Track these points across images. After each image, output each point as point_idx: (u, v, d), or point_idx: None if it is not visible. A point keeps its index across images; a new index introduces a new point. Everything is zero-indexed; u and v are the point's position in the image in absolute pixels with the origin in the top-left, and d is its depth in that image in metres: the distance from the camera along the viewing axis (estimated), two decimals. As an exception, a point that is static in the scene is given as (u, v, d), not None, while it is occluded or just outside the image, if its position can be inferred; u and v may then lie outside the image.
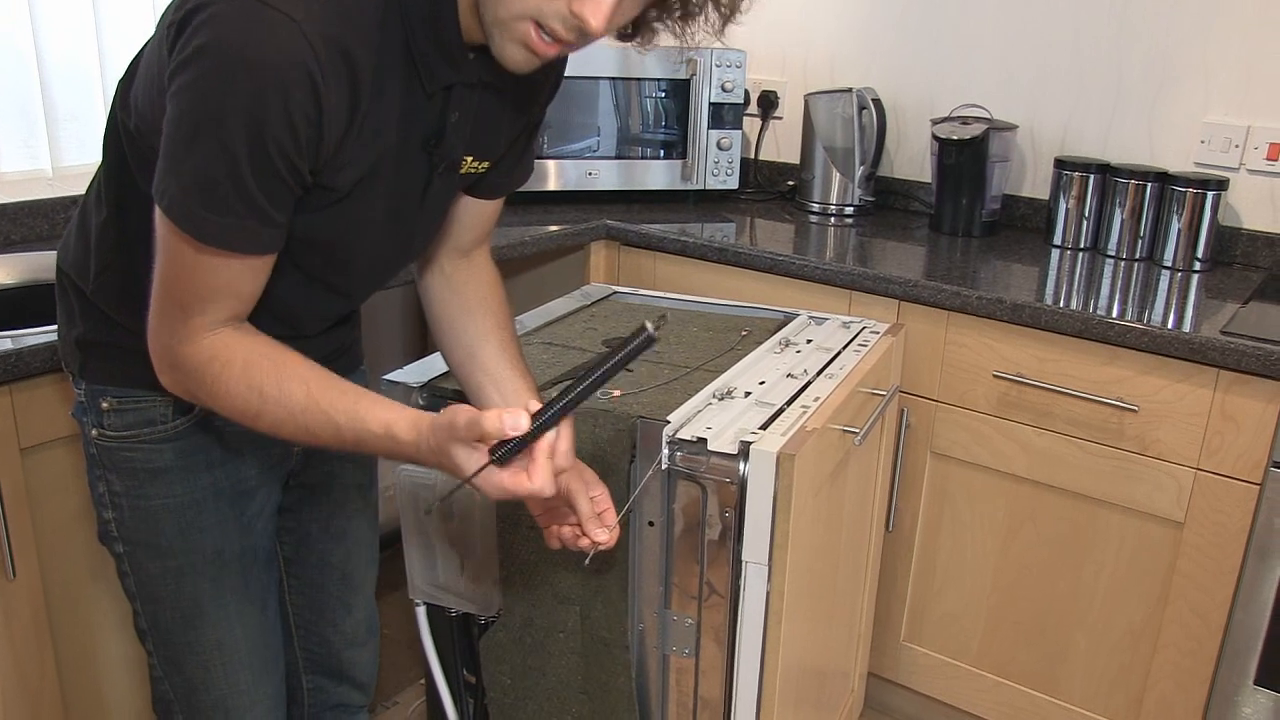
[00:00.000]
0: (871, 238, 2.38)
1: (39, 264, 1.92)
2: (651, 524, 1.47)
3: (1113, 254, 2.29)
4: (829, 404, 1.53)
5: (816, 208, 2.63)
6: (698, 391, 1.55)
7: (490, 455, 1.07)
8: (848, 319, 1.92)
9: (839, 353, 1.75)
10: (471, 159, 1.27)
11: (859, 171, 2.57)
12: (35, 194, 2.07)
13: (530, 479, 1.09)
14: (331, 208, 1.12)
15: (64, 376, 1.52)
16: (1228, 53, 2.21)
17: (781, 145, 2.88)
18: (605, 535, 1.25)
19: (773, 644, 1.47)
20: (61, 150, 2.17)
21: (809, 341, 1.80)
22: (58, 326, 1.32)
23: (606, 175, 2.58)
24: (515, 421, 1.06)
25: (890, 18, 2.62)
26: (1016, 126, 2.45)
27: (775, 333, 1.83)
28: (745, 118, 2.77)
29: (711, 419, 1.47)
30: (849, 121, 2.55)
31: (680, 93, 2.57)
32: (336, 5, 1.01)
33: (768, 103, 2.85)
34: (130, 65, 1.18)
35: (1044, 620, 2.05)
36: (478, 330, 1.41)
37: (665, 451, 1.43)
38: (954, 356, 2.01)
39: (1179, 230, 2.19)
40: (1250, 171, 2.23)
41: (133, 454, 1.27)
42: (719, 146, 2.61)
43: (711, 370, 1.67)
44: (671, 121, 2.60)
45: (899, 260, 2.16)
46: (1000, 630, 2.11)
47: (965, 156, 2.39)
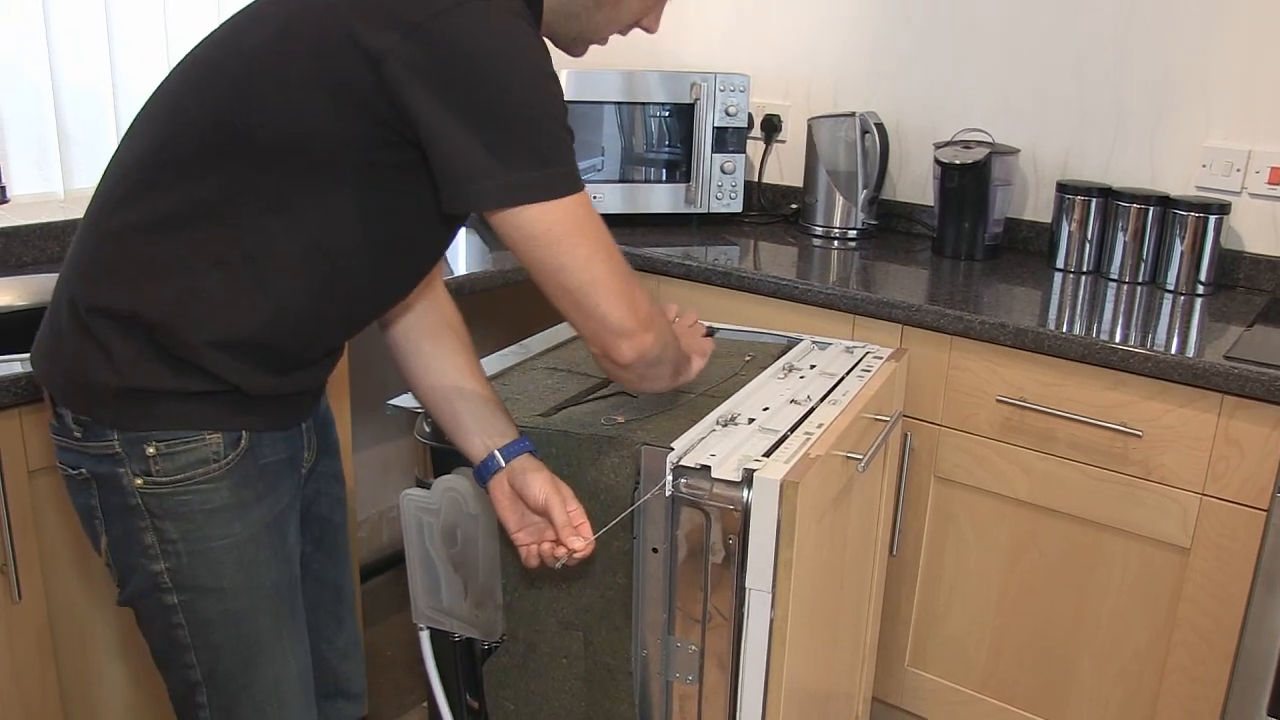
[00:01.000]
0: (874, 261, 2.39)
1: (50, 286, 1.92)
2: (655, 550, 1.47)
3: (1115, 277, 2.29)
4: (832, 430, 1.54)
5: (820, 231, 2.64)
6: (701, 418, 1.55)
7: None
8: (851, 344, 1.93)
9: (842, 378, 1.75)
10: None
11: (862, 195, 2.58)
12: (47, 216, 2.08)
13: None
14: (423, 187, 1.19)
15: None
16: (1228, 77, 2.22)
17: (785, 168, 2.89)
18: (581, 543, 1.32)
19: (776, 670, 1.47)
20: (73, 173, 2.19)
21: (812, 367, 1.80)
22: (68, 375, 1.21)
23: (611, 199, 2.59)
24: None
25: (893, 42, 2.64)
26: (1019, 150, 2.46)
27: (779, 358, 1.84)
28: (749, 141, 2.78)
29: (715, 445, 1.47)
30: (852, 145, 2.56)
31: (684, 116, 2.58)
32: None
33: (771, 126, 2.86)
34: (193, 71, 1.18)
35: (1048, 645, 2.05)
36: (445, 354, 1.45)
37: (669, 478, 1.43)
38: (957, 381, 2.02)
39: (1181, 254, 2.20)
40: (1252, 195, 2.24)
41: (188, 497, 1.23)
42: (723, 170, 2.62)
43: (715, 396, 1.67)
44: (675, 145, 2.61)
45: (902, 284, 2.17)
46: (1005, 655, 2.11)
47: (968, 180, 2.40)
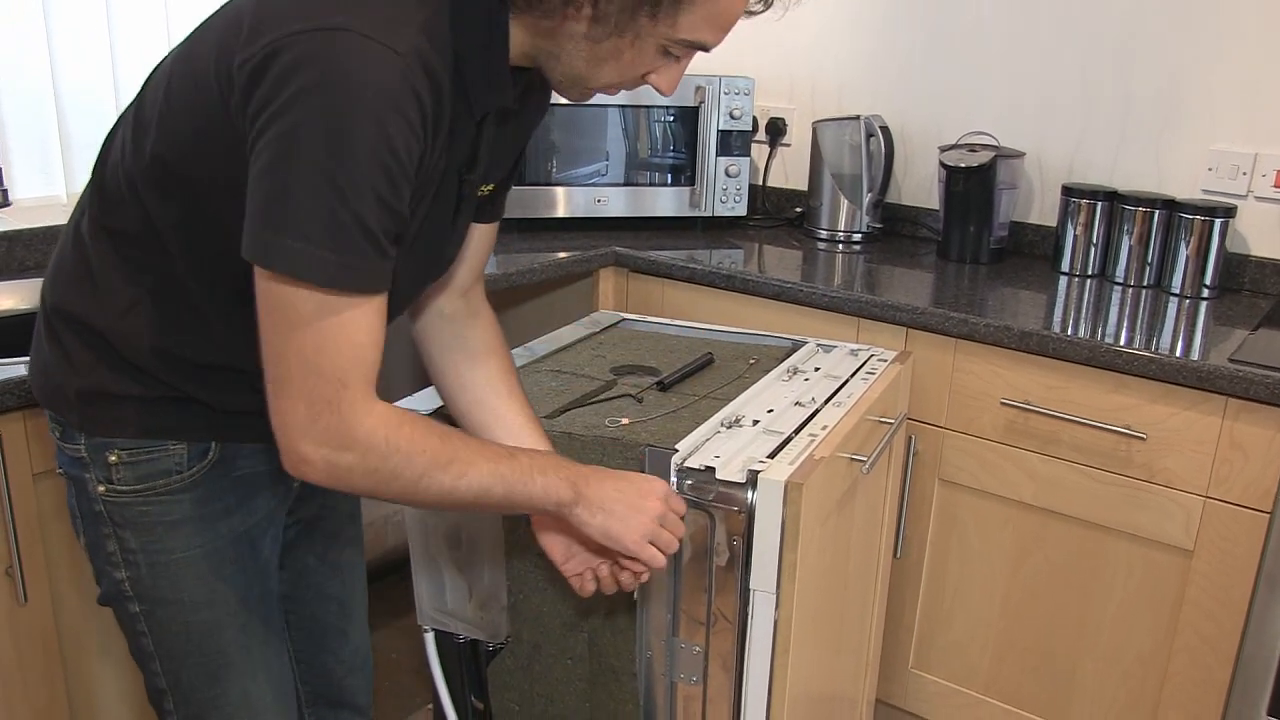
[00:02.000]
0: (879, 265, 2.39)
1: (52, 290, 1.93)
2: (659, 552, 1.47)
3: (1120, 281, 2.29)
4: (837, 432, 1.54)
5: (824, 234, 2.64)
6: (706, 419, 1.55)
7: None
8: (855, 346, 1.93)
9: (847, 380, 1.75)
10: (485, 185, 1.28)
11: (866, 198, 2.58)
12: (50, 220, 2.09)
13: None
14: None
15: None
16: (1235, 80, 2.22)
17: (789, 172, 2.89)
18: (661, 559, 1.31)
19: (780, 672, 1.47)
20: (76, 176, 2.19)
21: (817, 369, 1.80)
22: (42, 374, 1.23)
23: (615, 202, 2.59)
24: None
25: (898, 46, 2.64)
26: (1024, 154, 2.46)
27: (783, 360, 1.84)
28: (753, 144, 2.78)
29: (719, 447, 1.47)
30: (856, 149, 2.56)
31: (689, 120, 2.59)
32: (424, 33, 1.01)
33: (776, 130, 2.87)
34: (147, 90, 1.14)
35: (1052, 648, 2.05)
36: (486, 378, 1.42)
37: (674, 480, 1.43)
38: (961, 384, 2.02)
39: (1187, 257, 2.20)
40: (1258, 199, 2.24)
41: (148, 508, 1.21)
42: (727, 173, 2.62)
43: (719, 398, 1.67)
44: (680, 148, 2.61)
45: (906, 287, 2.17)
46: (1008, 657, 2.11)
47: (973, 184, 2.40)
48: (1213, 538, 1.82)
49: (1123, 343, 1.85)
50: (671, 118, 2.58)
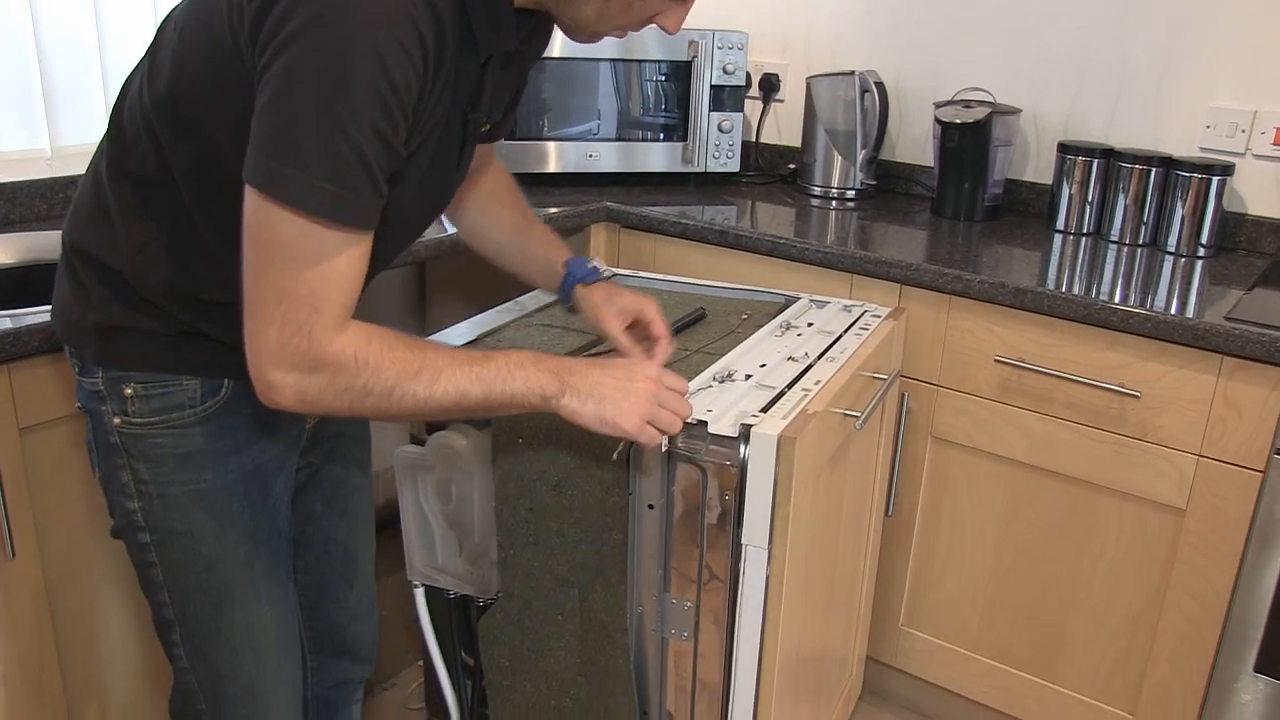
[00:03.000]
0: (873, 221, 2.37)
1: (38, 244, 1.91)
2: (651, 507, 1.46)
3: (1116, 239, 2.28)
4: (830, 387, 1.53)
5: (818, 191, 2.62)
6: (698, 374, 1.54)
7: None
8: (849, 303, 1.91)
9: (840, 336, 1.74)
10: (486, 123, 1.31)
11: (860, 155, 2.56)
12: (34, 174, 2.06)
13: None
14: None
15: (64, 360, 1.51)
16: (1234, 37, 2.19)
17: (783, 128, 2.87)
18: (658, 439, 1.30)
19: (772, 627, 1.46)
20: (60, 130, 2.16)
21: (810, 325, 1.79)
22: (62, 311, 1.28)
23: (607, 157, 2.57)
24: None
25: (893, 0, 2.61)
26: (1020, 110, 2.44)
27: (776, 316, 1.83)
28: (746, 100, 2.75)
29: (712, 401, 1.46)
30: (851, 104, 2.54)
31: (681, 75, 2.56)
32: None
33: (769, 85, 2.84)
34: (162, 33, 1.17)
35: (1043, 606, 2.05)
36: (504, 214, 1.57)
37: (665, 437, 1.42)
38: (955, 341, 2.00)
39: (1183, 216, 2.18)
40: (1256, 156, 2.22)
41: (161, 440, 1.25)
42: (720, 129, 2.59)
43: (711, 353, 1.66)
44: (672, 104, 2.58)
45: (900, 244, 2.15)
46: (999, 615, 2.11)
47: (968, 140, 2.38)
48: (1205, 496, 1.82)
49: (1117, 300, 1.83)
50: (663, 74, 2.55)
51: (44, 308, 1.51)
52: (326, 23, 0.97)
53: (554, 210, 2.27)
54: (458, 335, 1.70)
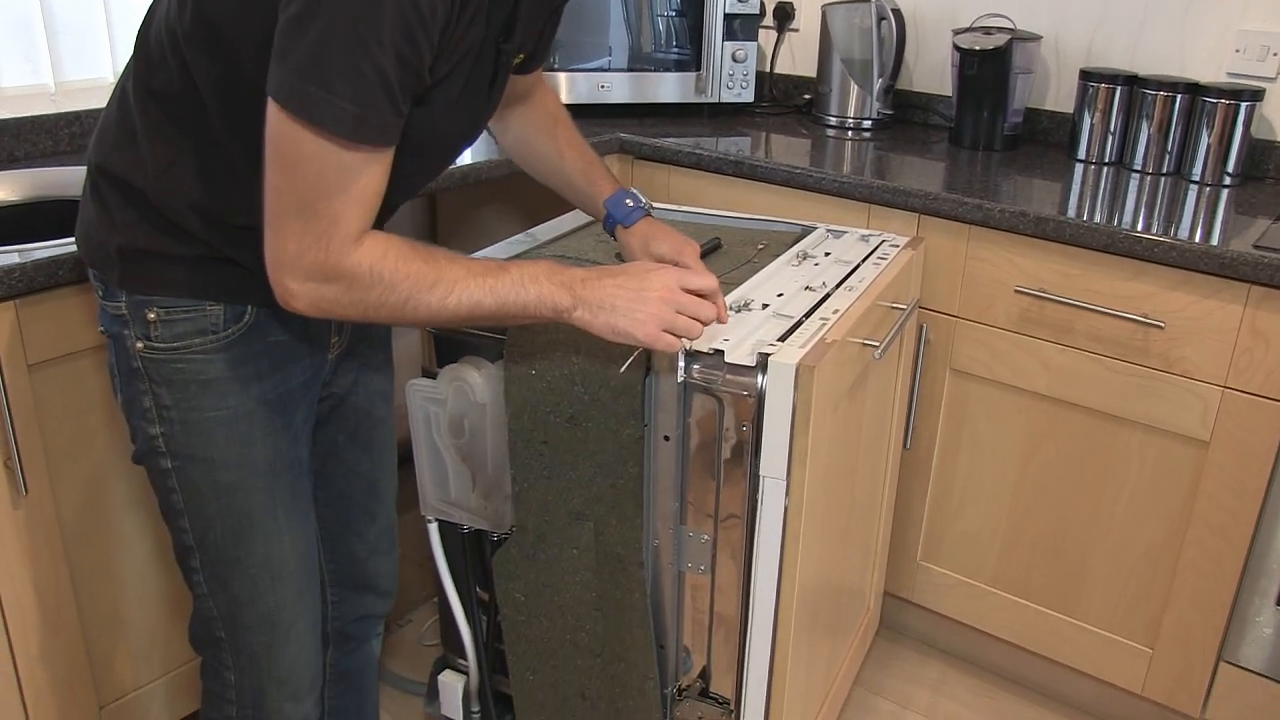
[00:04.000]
0: (890, 152, 2.33)
1: (43, 180, 1.89)
2: (667, 438, 1.44)
3: (1139, 169, 2.23)
4: (848, 316, 1.50)
5: (834, 121, 2.57)
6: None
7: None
8: (866, 232, 1.88)
9: (858, 265, 1.71)
10: (519, 54, 1.30)
11: (877, 84, 2.51)
12: (38, 109, 2.03)
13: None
14: (415, 106, 1.12)
15: (79, 290, 1.50)
16: (1263, -43, 2.13)
17: (798, 58, 2.81)
18: (676, 345, 1.28)
19: (790, 560, 1.45)
20: (63, 64, 2.13)
21: (827, 254, 1.76)
22: (85, 233, 1.27)
23: (619, 88, 2.52)
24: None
25: (912, -76, 2.54)
26: (1041, 37, 2.38)
27: (792, 245, 1.79)
28: (761, 30, 2.70)
29: (728, 331, 1.44)
30: (867, 33, 2.48)
31: (694, 4, 2.50)
32: None
33: (784, 14, 2.78)
34: None
35: (1062, 540, 2.03)
36: (546, 144, 1.59)
37: (681, 364, 1.40)
38: (975, 271, 1.97)
39: (1209, 144, 2.13)
40: (1285, 82, 2.17)
41: (184, 365, 1.25)
42: (734, 59, 2.54)
43: (728, 283, 1.63)
44: (685, 34, 2.53)
45: (918, 174, 2.11)
46: (1018, 550, 2.09)
47: (987, 68, 2.33)
48: (1230, 428, 1.79)
49: (1140, 228, 1.79)
50: (676, 9, 2.50)
51: (50, 242, 1.50)
52: None
53: (566, 142, 2.23)
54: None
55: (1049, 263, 1.89)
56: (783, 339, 1.41)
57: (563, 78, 2.48)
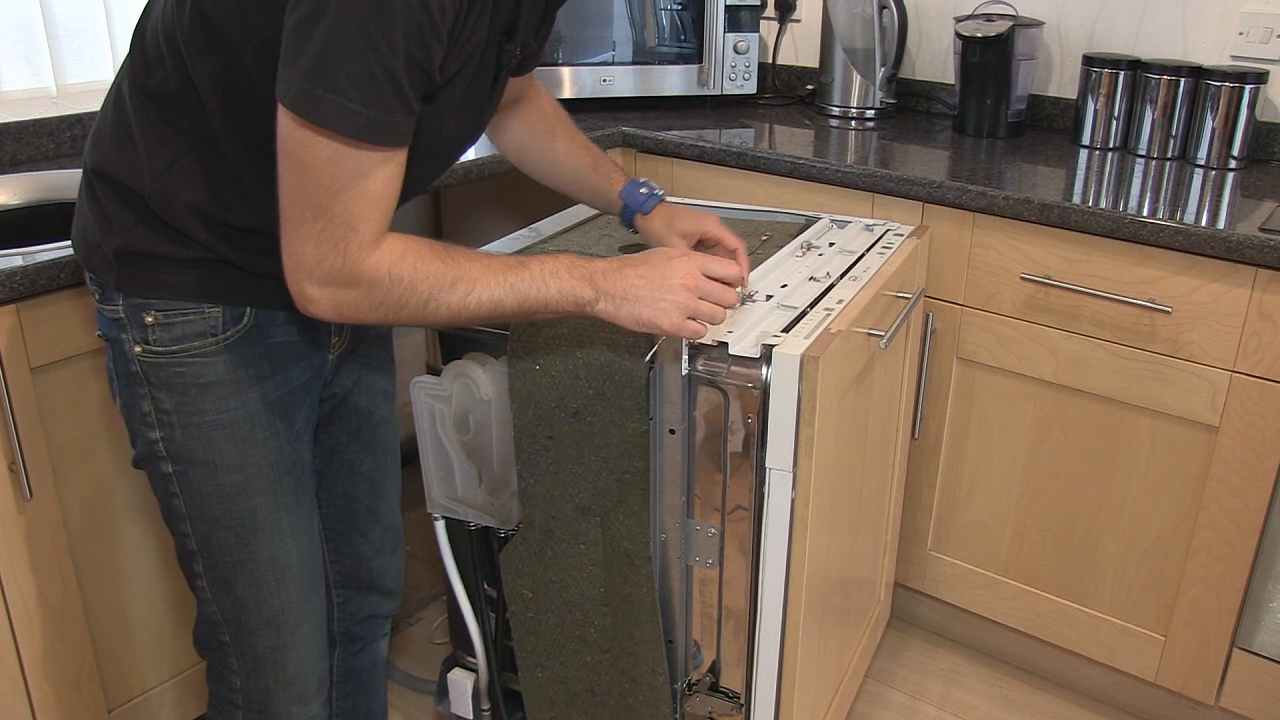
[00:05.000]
0: (893, 141, 2.32)
1: (45, 183, 1.89)
2: (673, 432, 1.44)
3: (1143, 154, 2.22)
4: (853, 306, 1.49)
5: (836, 111, 2.56)
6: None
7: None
8: (871, 221, 1.87)
9: (862, 255, 1.70)
10: (520, 54, 1.30)
11: (880, 73, 2.49)
12: (39, 112, 2.03)
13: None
14: (423, 105, 1.12)
15: (81, 293, 1.50)
16: (1266, -62, 2.12)
17: (800, 49, 2.80)
18: (702, 332, 1.28)
19: (798, 552, 1.44)
20: (65, 67, 2.12)
21: (831, 244, 1.75)
22: (82, 236, 1.26)
23: (622, 82, 2.51)
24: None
25: (912, -88, 2.53)
26: (1043, 23, 2.37)
27: (796, 236, 1.79)
28: (762, 21, 2.69)
29: (732, 323, 1.43)
30: (869, 22, 2.47)
31: (695, -5, 2.50)
32: None
33: (785, 5, 2.77)
34: None
35: (1072, 528, 2.02)
36: (551, 143, 1.60)
37: (685, 357, 1.39)
38: (980, 259, 1.96)
39: (1213, 128, 2.12)
40: (1290, 64, 2.15)
41: (183, 369, 1.24)
42: (736, 50, 2.53)
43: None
44: (687, 26, 2.52)
45: (922, 162, 2.10)
46: (1028, 538, 2.09)
47: (990, 55, 2.32)
48: (1239, 412, 1.78)
49: (1146, 213, 1.78)
50: (677, 4, 2.49)
51: (52, 245, 1.49)
52: None
53: (567, 137, 2.23)
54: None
55: (1054, 249, 1.88)
56: (787, 330, 1.41)
57: (566, 72, 2.47)
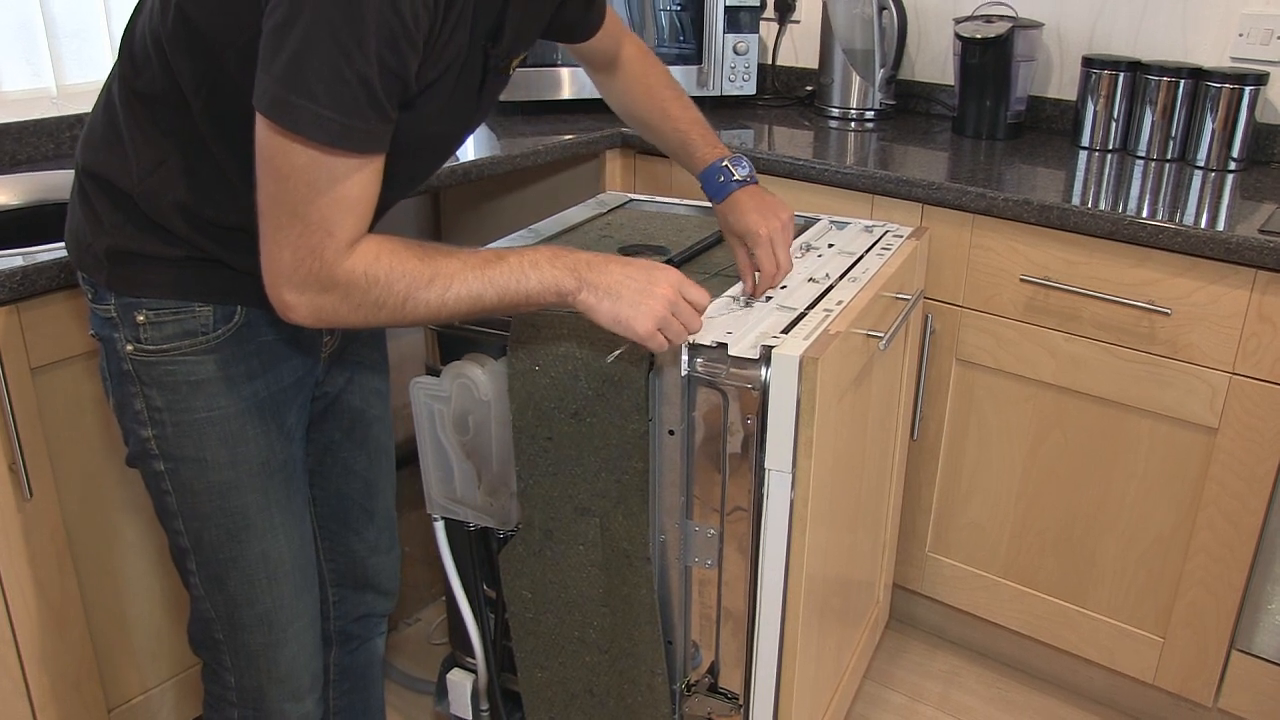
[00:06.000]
0: (893, 142, 2.32)
1: (45, 184, 1.89)
2: (672, 433, 1.44)
3: (1143, 155, 2.22)
4: (852, 307, 1.49)
5: (836, 113, 2.56)
6: (717, 296, 1.51)
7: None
8: (870, 223, 1.87)
9: (861, 256, 1.70)
10: (513, 58, 1.29)
11: (879, 75, 2.50)
12: (39, 113, 2.03)
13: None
14: (402, 111, 1.12)
15: (80, 293, 1.49)
16: (1266, -60, 2.12)
17: (799, 50, 2.80)
18: (665, 347, 1.30)
19: (797, 553, 1.44)
20: (65, 67, 2.12)
21: (830, 246, 1.75)
22: (74, 236, 1.27)
23: (620, 83, 2.51)
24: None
25: (912, -87, 2.53)
26: (1042, 24, 2.37)
27: (796, 237, 1.79)
28: (762, 22, 2.69)
29: (731, 324, 1.43)
30: (868, 23, 2.47)
31: (695, -4, 2.50)
32: None
33: (785, 6, 2.77)
34: None
35: (1071, 529, 2.03)
36: (657, 107, 1.64)
37: (685, 358, 1.39)
38: (979, 260, 1.96)
39: (1213, 129, 2.12)
40: (1290, 65, 2.15)
41: (174, 367, 1.24)
42: (735, 51, 2.54)
43: (730, 275, 1.62)
44: (687, 26, 2.53)
45: (921, 164, 2.10)
46: (1027, 540, 2.09)
47: (989, 56, 2.32)
48: (1238, 414, 1.78)
49: (1146, 215, 1.78)
50: (677, 5, 2.49)
51: (52, 245, 1.49)
52: None
53: (568, 137, 2.23)
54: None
55: (1054, 251, 1.88)
56: (786, 331, 1.41)
57: (566, 72, 2.48)
